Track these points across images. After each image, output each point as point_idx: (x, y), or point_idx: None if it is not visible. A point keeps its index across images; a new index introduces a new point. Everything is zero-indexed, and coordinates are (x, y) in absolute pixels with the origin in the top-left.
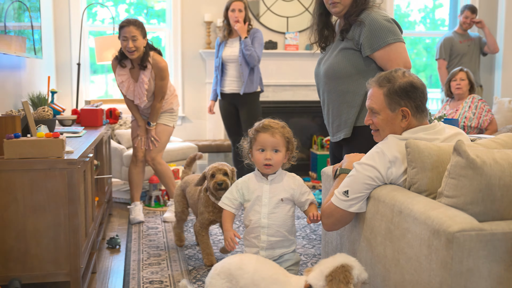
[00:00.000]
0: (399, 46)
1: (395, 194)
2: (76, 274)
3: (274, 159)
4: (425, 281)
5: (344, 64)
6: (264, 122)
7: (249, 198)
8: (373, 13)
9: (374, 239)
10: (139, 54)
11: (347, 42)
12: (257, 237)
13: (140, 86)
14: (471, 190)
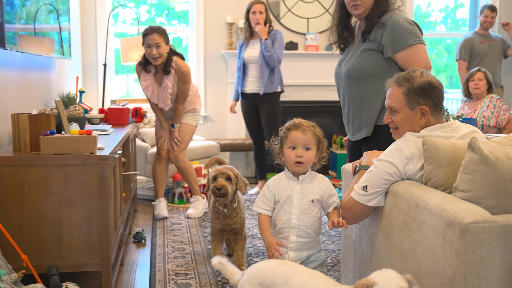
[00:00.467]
0: (420, 47)
1: (412, 188)
2: (107, 264)
3: (305, 157)
4: (440, 271)
5: (366, 65)
6: (295, 121)
7: (279, 198)
8: (395, 15)
9: (391, 232)
10: (162, 60)
11: (369, 43)
12: (286, 238)
13: (164, 90)
14: (485, 185)
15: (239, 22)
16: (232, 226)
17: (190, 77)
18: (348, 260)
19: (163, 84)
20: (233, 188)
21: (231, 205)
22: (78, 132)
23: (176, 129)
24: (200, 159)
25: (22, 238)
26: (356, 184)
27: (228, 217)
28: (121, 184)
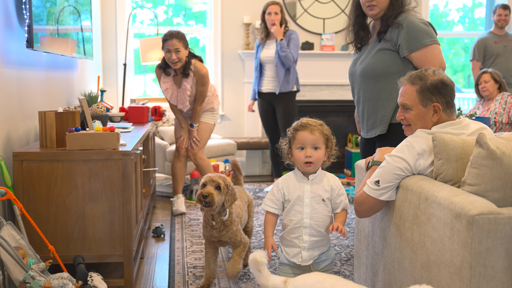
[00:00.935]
0: (435, 47)
1: (422, 183)
2: (129, 256)
3: (314, 156)
4: (448, 261)
5: (381, 64)
6: (302, 121)
7: (289, 198)
8: (410, 16)
9: (402, 224)
10: (181, 64)
11: (384, 43)
12: (298, 237)
13: (183, 92)
14: (491, 179)
15: (255, 23)
16: (220, 238)
17: (208, 79)
18: (361, 254)
19: (182, 86)
20: (222, 198)
21: (219, 217)
22: (101, 129)
23: (195, 129)
24: (217, 157)
25: (49, 229)
26: (369, 179)
27: (216, 229)
28: (142, 180)
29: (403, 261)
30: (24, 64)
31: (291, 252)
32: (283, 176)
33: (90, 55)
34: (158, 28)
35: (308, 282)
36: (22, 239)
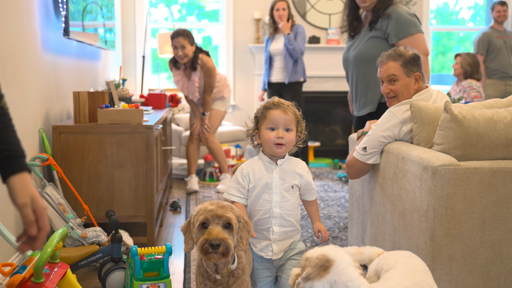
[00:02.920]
0: (420, 36)
1: (400, 146)
2: (151, 217)
3: (287, 138)
4: (418, 207)
5: (372, 50)
6: (274, 99)
7: (255, 185)
8: (398, 8)
9: (385, 183)
10: (188, 59)
11: (375, 31)
12: (267, 229)
13: (192, 84)
14: (454, 138)
15: (265, 18)
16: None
17: (215, 71)
18: (353, 214)
19: (191, 79)
20: (235, 239)
21: (226, 267)
22: (128, 106)
23: (206, 117)
24: (229, 142)
25: (82, 192)
26: (358, 145)
27: (221, 285)
28: (161, 158)
29: (385, 214)
30: (59, 51)
31: (259, 244)
32: (247, 161)
33: (112, 46)
34: (174, 24)
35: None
36: (61, 198)
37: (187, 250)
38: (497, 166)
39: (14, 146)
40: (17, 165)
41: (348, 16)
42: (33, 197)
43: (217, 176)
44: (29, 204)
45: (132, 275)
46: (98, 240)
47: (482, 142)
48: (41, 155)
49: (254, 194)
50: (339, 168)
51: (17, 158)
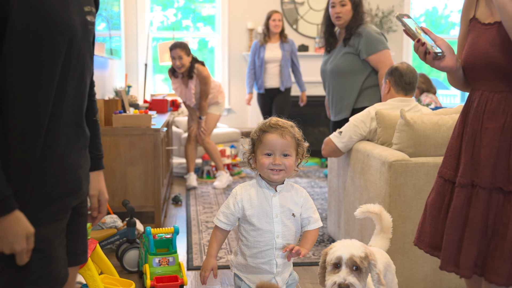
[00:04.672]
0: (386, 52)
1: (366, 145)
2: (158, 206)
3: (285, 164)
4: (378, 194)
5: (346, 64)
6: (271, 121)
7: (251, 213)
8: (368, 27)
9: (355, 176)
10: (185, 68)
11: (348, 48)
12: (269, 262)
13: (189, 91)
14: (407, 139)
15: (258, 28)
16: None
17: (209, 79)
18: (331, 204)
19: (188, 86)
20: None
21: None
22: (138, 112)
23: (202, 120)
24: (224, 143)
25: None
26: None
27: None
28: (165, 156)
29: (355, 202)
30: None
31: (259, 280)
32: (242, 184)
33: (117, 55)
34: (174, 33)
35: None
36: None
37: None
38: (440, 161)
39: (99, 150)
40: (97, 165)
41: (325, 34)
42: (100, 191)
43: (214, 174)
44: (96, 195)
45: (146, 251)
46: (115, 225)
47: (429, 142)
48: None
49: (253, 224)
50: (325, 166)
51: (98, 159)
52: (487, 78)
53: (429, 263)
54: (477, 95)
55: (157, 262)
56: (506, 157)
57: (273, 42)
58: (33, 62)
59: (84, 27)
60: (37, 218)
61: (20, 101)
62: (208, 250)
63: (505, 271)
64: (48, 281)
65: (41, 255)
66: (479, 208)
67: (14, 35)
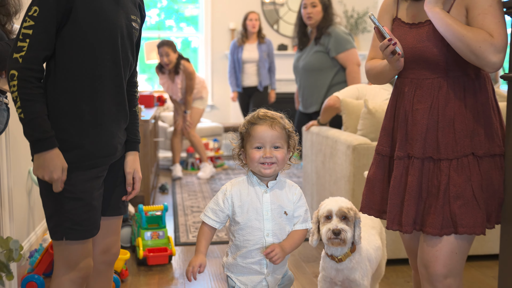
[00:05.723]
0: (353, 51)
1: (334, 132)
2: (148, 191)
3: (276, 157)
4: (344, 174)
5: (317, 62)
6: (259, 112)
7: (241, 210)
8: (337, 28)
9: (325, 160)
10: (172, 64)
11: (319, 46)
12: (259, 262)
13: (175, 86)
14: (369, 126)
15: (239, 28)
16: None
17: (194, 75)
18: (306, 188)
19: (174, 82)
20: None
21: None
22: None
23: (187, 114)
24: (207, 136)
25: None
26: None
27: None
28: (153, 146)
29: (325, 183)
30: None
31: (249, 281)
32: (232, 181)
33: None
34: (159, 33)
35: None
36: None
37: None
38: None
39: (136, 135)
40: (134, 147)
41: (298, 33)
42: (135, 169)
43: (198, 166)
44: (132, 173)
45: (138, 227)
46: None
47: None
48: None
49: (242, 221)
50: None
51: (135, 143)
52: (414, 68)
53: (388, 234)
54: (406, 82)
55: (148, 235)
56: (434, 132)
57: (251, 42)
58: (85, 44)
59: (128, 29)
60: (82, 174)
61: (72, 71)
62: (196, 247)
63: (438, 223)
64: (87, 224)
65: (83, 203)
66: (415, 175)
67: (74, 23)
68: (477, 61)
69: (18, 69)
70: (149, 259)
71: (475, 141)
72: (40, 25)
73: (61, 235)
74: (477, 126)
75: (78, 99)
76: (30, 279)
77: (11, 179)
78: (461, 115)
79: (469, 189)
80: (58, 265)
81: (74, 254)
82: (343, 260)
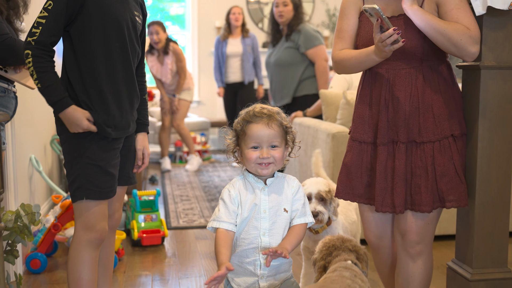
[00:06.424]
0: (322, 47)
1: (315, 122)
2: (140, 180)
3: (274, 157)
4: (325, 160)
5: (288, 57)
6: (255, 109)
7: (243, 210)
8: (306, 26)
9: (307, 148)
10: (162, 44)
11: (290, 42)
12: (253, 263)
13: (165, 67)
14: (347, 115)
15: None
16: None
17: (184, 56)
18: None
19: (164, 64)
20: None
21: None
22: None
23: (176, 99)
24: (195, 131)
25: None
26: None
27: None
28: None
29: (307, 171)
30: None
31: (243, 283)
32: (231, 182)
33: None
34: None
35: None
36: None
37: None
38: None
39: (145, 119)
40: (143, 129)
41: (271, 30)
42: (145, 146)
43: (186, 159)
44: (141, 150)
45: (133, 210)
46: None
47: None
48: None
49: (242, 220)
50: None
51: (145, 125)
52: (389, 59)
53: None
54: (382, 72)
55: (142, 218)
56: (416, 117)
57: (235, 37)
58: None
59: (132, 22)
60: (101, 144)
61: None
62: (219, 259)
63: (430, 201)
64: (104, 187)
65: (101, 169)
66: (402, 159)
67: (86, 16)
68: (457, 52)
69: (31, 49)
70: (143, 240)
71: (452, 123)
72: (51, 17)
73: (82, 195)
74: (451, 109)
75: (98, 81)
76: (34, 256)
77: (16, 165)
78: (438, 100)
79: (452, 167)
80: (78, 227)
81: (92, 215)
82: (319, 232)
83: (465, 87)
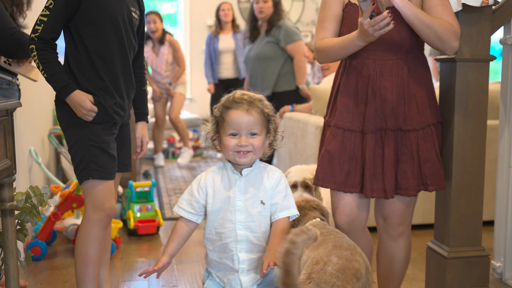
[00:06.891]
0: (301, 42)
1: (305, 116)
2: (134, 173)
3: (253, 145)
4: (314, 152)
5: (268, 51)
6: (235, 95)
7: (214, 200)
8: (286, 22)
9: (297, 142)
10: (158, 34)
11: (270, 37)
12: (231, 258)
13: (160, 58)
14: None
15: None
16: None
17: (179, 46)
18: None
19: (159, 53)
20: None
21: None
22: None
23: (171, 87)
24: (187, 127)
25: None
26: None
27: None
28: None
29: (297, 163)
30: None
31: (225, 278)
32: (208, 169)
33: None
34: None
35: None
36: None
37: None
38: None
39: (145, 108)
40: (143, 118)
41: (250, 27)
42: (143, 135)
43: (178, 155)
44: (140, 138)
45: (129, 201)
46: None
47: None
48: (56, 127)
49: (214, 212)
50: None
51: (144, 114)
52: (377, 50)
53: None
54: (368, 62)
55: (138, 208)
56: (402, 106)
57: (226, 33)
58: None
59: (129, 17)
60: (103, 128)
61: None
62: (165, 248)
63: (415, 185)
64: (108, 167)
65: (104, 151)
66: (391, 146)
67: (84, 12)
68: (441, 45)
69: (35, 43)
70: (139, 229)
71: (432, 112)
72: (52, 15)
73: (88, 176)
74: (431, 99)
75: (99, 72)
76: (35, 244)
77: (18, 157)
78: (421, 90)
79: (434, 153)
80: (88, 206)
81: (99, 193)
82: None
83: (443, 79)
